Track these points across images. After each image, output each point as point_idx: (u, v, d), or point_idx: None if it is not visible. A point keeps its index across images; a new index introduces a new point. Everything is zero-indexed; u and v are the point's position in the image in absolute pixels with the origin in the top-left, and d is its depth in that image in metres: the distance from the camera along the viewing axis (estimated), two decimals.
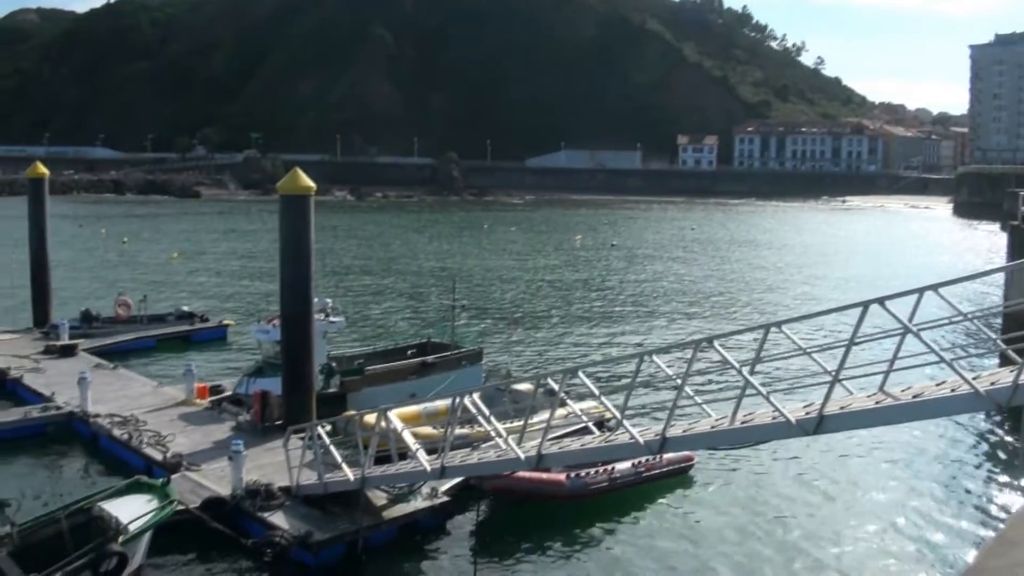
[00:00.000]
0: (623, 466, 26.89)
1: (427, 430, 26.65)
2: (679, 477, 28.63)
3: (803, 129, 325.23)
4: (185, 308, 54.61)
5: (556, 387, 21.23)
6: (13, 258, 53.95)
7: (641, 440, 18.78)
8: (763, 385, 17.30)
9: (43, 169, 51.91)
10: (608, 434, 21.90)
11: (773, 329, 17.58)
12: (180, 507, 23.20)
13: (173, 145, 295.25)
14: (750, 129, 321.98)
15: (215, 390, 36.40)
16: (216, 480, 26.29)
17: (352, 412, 28.87)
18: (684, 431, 18.78)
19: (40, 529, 21.79)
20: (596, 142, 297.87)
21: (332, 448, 24.77)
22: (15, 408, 35.87)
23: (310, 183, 30.46)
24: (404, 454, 24.23)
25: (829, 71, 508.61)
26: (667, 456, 26.60)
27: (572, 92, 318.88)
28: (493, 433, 21.78)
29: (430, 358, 37.31)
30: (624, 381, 37.25)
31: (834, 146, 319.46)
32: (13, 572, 19.97)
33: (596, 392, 19.90)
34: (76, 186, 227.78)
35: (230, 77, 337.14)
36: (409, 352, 39.41)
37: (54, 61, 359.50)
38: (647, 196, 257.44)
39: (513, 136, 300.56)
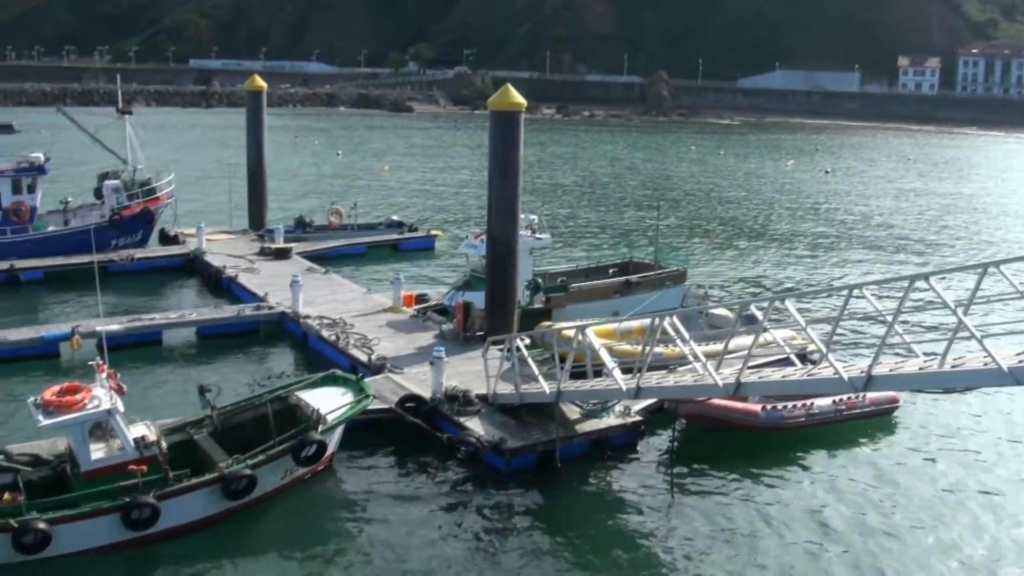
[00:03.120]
0: (823, 402, 26.25)
1: (623, 348, 26.67)
2: (881, 419, 27.68)
3: None
4: (395, 218, 56.25)
5: (759, 315, 20.81)
6: (231, 165, 56.56)
7: (845, 376, 18.24)
8: (976, 328, 16.48)
9: (261, 82, 54.04)
10: (810, 367, 21.40)
11: (991, 269, 16.72)
12: (377, 404, 24.24)
13: (386, 60, 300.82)
14: (975, 51, 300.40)
15: (421, 299, 37.54)
16: (417, 383, 27.27)
17: (549, 324, 29.21)
18: (890, 370, 18.13)
19: (240, 413, 23.43)
20: (812, 62, 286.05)
21: (530, 360, 25.19)
22: (230, 305, 38.20)
23: (521, 100, 30.59)
24: (599, 371, 24.42)
25: None
26: (870, 396, 25.81)
27: (789, 9, 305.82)
28: (691, 357, 21.62)
29: (634, 277, 37.31)
30: (830, 313, 36.41)
31: None
32: (213, 450, 21.62)
33: (802, 323, 19.41)
34: (291, 99, 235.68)
35: None
36: (612, 271, 39.53)
37: None
38: (864, 121, 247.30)
39: (726, 55, 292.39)
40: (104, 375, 20.63)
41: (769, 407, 25.65)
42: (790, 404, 25.85)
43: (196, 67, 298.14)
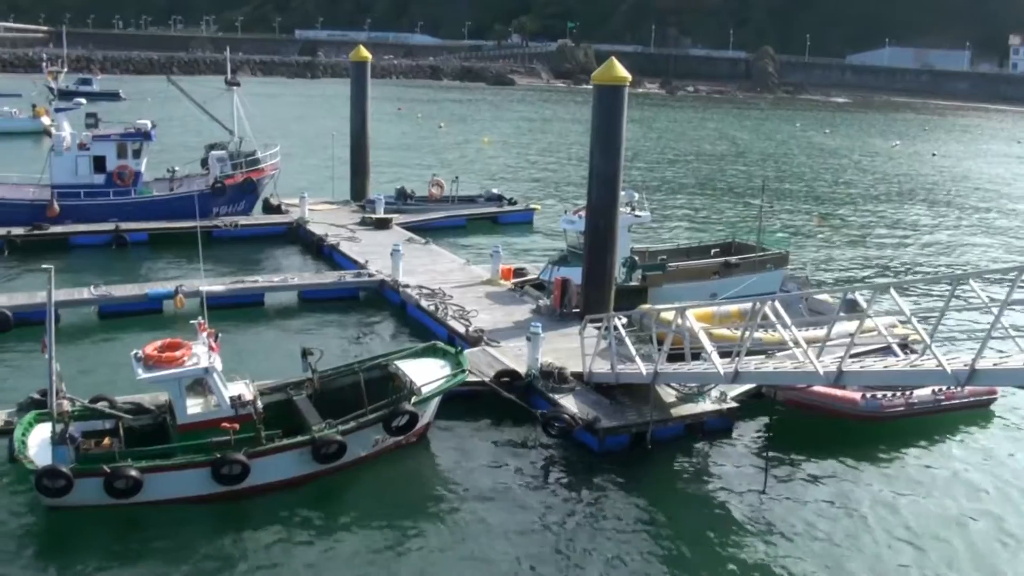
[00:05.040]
0: (922, 392, 25.56)
1: (722, 332, 26.33)
2: (979, 411, 26.91)
3: None
4: (495, 191, 56.42)
5: (863, 302, 20.34)
6: (334, 135, 57.27)
7: (948, 369, 17.75)
8: None
9: (366, 53, 54.43)
10: (913, 358, 20.87)
11: None
12: (472, 377, 24.36)
13: (489, 32, 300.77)
14: None
15: (519, 273, 37.60)
16: (513, 358, 27.36)
17: (648, 306, 28.99)
18: (994, 364, 17.66)
19: (339, 378, 23.89)
20: (923, 38, 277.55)
21: (627, 340, 25.03)
22: (331, 272, 38.99)
23: (625, 74, 30.27)
24: (696, 354, 24.17)
25: None
26: (969, 387, 25.18)
27: None
28: (792, 344, 21.26)
29: (734, 259, 36.75)
30: (933, 302, 35.53)
31: None
32: (310, 413, 22.12)
33: (907, 313, 18.91)
34: (395, 71, 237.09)
35: None
36: (713, 251, 39.01)
37: None
38: (973, 102, 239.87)
39: (834, 30, 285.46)
40: (205, 334, 21.14)
41: (869, 395, 25.12)
42: (889, 393, 25.31)
43: (301, 38, 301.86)
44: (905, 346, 26.10)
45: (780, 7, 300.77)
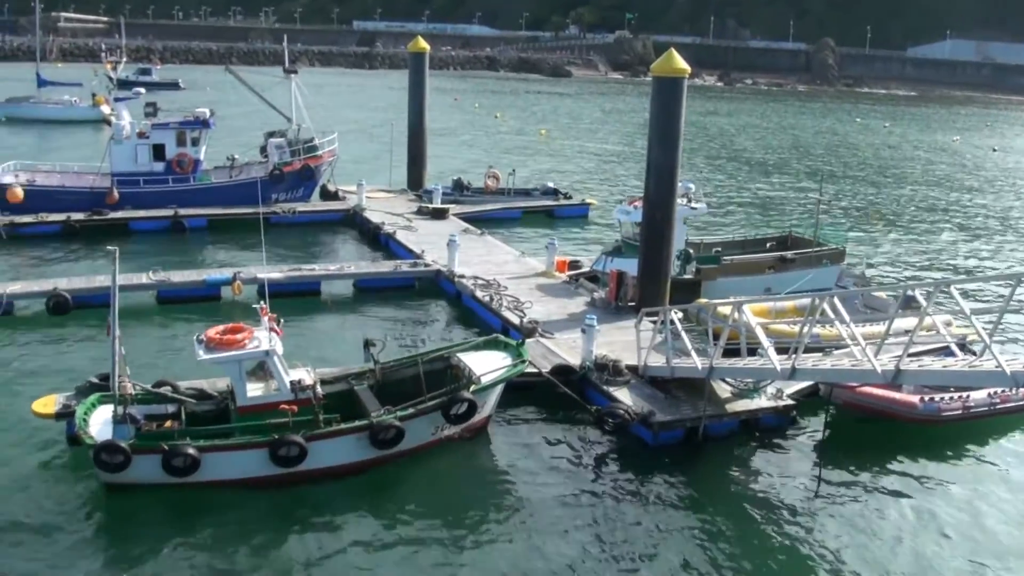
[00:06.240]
0: (979, 395, 25.02)
1: (779, 327, 26.05)
2: None
3: None
4: (550, 184, 56.38)
5: (922, 300, 20.04)
6: (392, 124, 57.58)
7: (1007, 369, 17.45)
8: None
9: (424, 44, 54.57)
10: (972, 358, 20.50)
11: None
12: (531, 368, 24.31)
13: (547, 24, 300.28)
14: None
15: (574, 265, 37.56)
16: (567, 350, 27.33)
17: (705, 300, 28.79)
18: None
19: (400, 369, 24.01)
20: (984, 31, 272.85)
21: (684, 334, 24.89)
22: (387, 261, 39.28)
23: (684, 65, 30.01)
24: (752, 350, 23.97)
25: None
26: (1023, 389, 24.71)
27: None
28: (850, 341, 20.99)
29: (789, 253, 36.37)
30: (992, 302, 34.91)
31: None
32: (371, 402, 22.20)
33: (967, 311, 18.59)
34: (452, 62, 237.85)
35: None
36: (769, 245, 38.63)
37: None
38: None
39: (895, 21, 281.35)
40: (267, 318, 21.36)
41: (927, 398, 24.70)
42: (947, 396, 24.86)
43: (359, 28, 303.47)
44: (963, 346, 25.68)
45: None
